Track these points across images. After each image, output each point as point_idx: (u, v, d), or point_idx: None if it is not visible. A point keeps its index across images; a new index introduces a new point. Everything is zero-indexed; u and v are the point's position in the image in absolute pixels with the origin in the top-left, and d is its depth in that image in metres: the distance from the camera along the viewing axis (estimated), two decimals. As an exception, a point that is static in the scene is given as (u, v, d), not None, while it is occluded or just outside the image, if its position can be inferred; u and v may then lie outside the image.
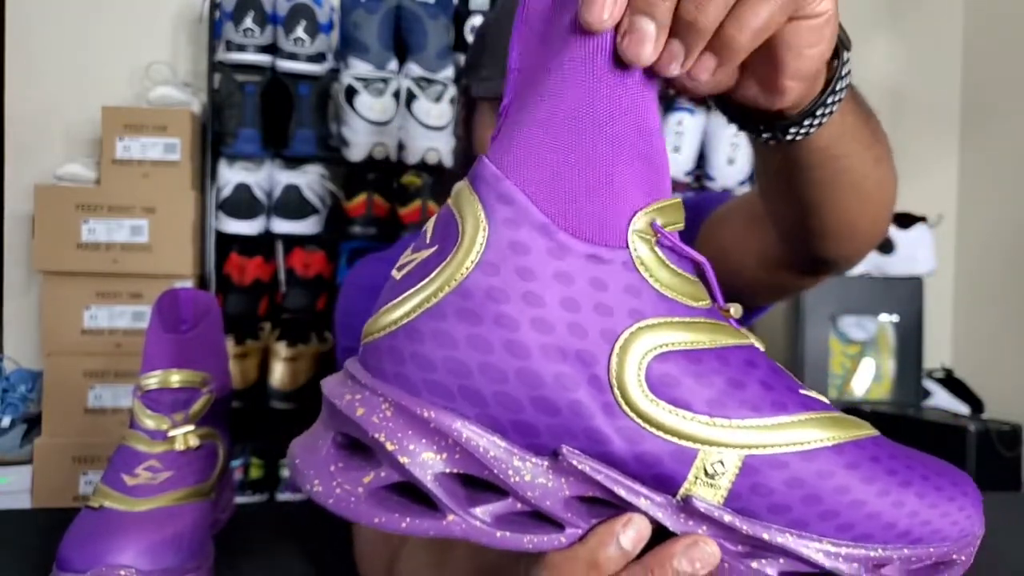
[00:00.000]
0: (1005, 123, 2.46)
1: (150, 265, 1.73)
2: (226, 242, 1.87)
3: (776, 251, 0.67)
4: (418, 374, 0.33)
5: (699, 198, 0.84)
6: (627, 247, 0.33)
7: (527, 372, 0.32)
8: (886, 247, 2.08)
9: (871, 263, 2.08)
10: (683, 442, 0.33)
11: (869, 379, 2.09)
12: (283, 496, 1.83)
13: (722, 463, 0.33)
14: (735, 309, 0.36)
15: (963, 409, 2.14)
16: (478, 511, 0.33)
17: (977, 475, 1.75)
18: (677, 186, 2.06)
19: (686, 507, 0.33)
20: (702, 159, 2.06)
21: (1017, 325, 2.33)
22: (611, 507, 0.34)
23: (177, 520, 0.54)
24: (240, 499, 1.70)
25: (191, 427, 0.58)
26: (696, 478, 0.33)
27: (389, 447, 0.32)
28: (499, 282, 0.32)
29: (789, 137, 0.45)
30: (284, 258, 1.92)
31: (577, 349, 0.32)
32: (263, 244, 1.90)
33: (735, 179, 2.05)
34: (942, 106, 2.60)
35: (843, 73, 0.43)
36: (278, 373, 1.84)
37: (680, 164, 2.01)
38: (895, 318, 2.10)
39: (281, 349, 1.84)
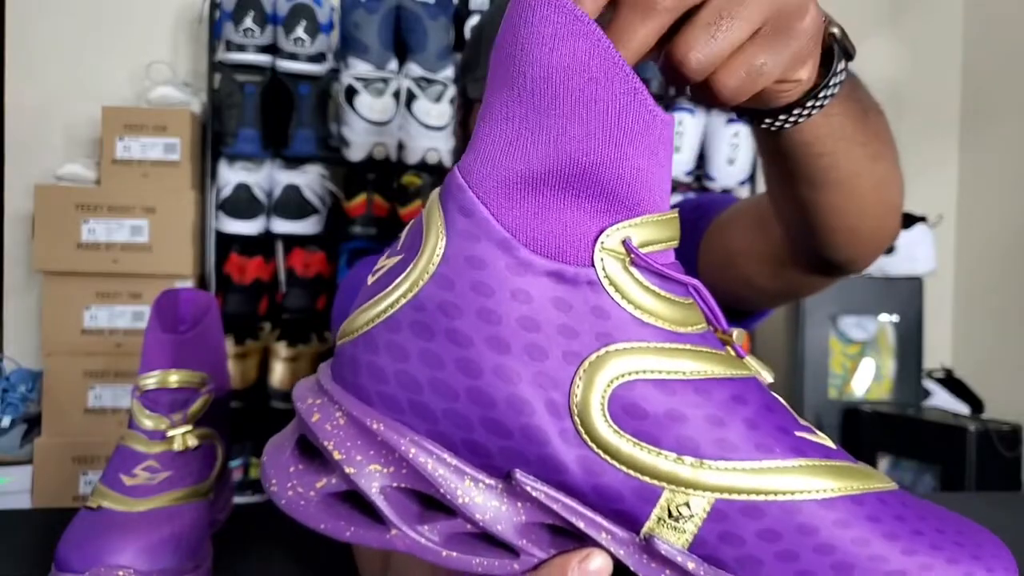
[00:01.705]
0: (1005, 123, 2.46)
1: (150, 265, 1.73)
2: (226, 242, 1.87)
3: (784, 252, 0.66)
4: (372, 385, 0.32)
5: (703, 200, 0.84)
6: (592, 265, 0.30)
7: (478, 391, 0.31)
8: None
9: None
10: (646, 479, 0.30)
11: (869, 379, 2.09)
12: (283, 496, 1.83)
13: (688, 506, 0.30)
14: (738, 334, 0.33)
15: (963, 409, 2.14)
16: (425, 528, 0.32)
17: (977, 475, 1.75)
18: (677, 186, 2.05)
19: (648, 547, 0.31)
20: (702, 159, 2.06)
21: (1017, 325, 2.33)
22: (576, 538, 0.32)
23: (175, 520, 0.54)
24: (240, 499, 1.71)
25: (189, 427, 0.58)
26: (660, 519, 0.30)
27: (336, 456, 0.32)
28: (453, 296, 0.31)
29: (764, 126, 0.45)
30: (284, 258, 1.92)
31: (535, 371, 0.30)
32: (263, 244, 1.90)
33: (735, 179, 2.05)
34: (942, 106, 2.60)
35: (831, 83, 0.43)
36: (278, 373, 1.84)
37: (680, 164, 2.01)
38: (895, 318, 2.10)
39: (281, 349, 1.84)
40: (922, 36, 2.57)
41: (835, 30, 0.43)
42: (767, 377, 0.33)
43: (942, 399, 2.16)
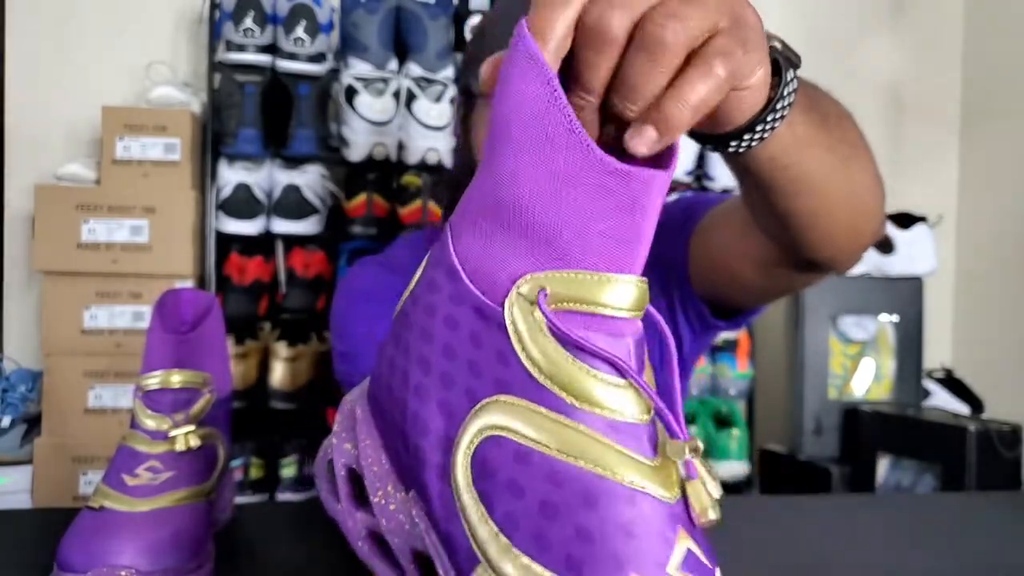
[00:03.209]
0: (1005, 123, 2.46)
1: (150, 265, 1.73)
2: (226, 242, 1.87)
3: (770, 252, 0.67)
4: (371, 379, 0.35)
5: (694, 200, 0.84)
6: (502, 308, 0.29)
7: (404, 403, 0.32)
8: (886, 247, 2.08)
9: (871, 263, 2.08)
10: (472, 543, 0.28)
11: (869, 379, 2.09)
12: (283, 496, 1.83)
13: None
14: (690, 447, 0.28)
15: (963, 409, 2.14)
16: (360, 514, 0.34)
17: (977, 475, 1.75)
18: (677, 186, 2.05)
19: None
20: (702, 159, 2.06)
21: (1017, 325, 2.33)
22: None
23: (177, 520, 0.54)
24: (240, 499, 1.71)
25: (192, 427, 0.58)
26: None
27: (334, 427, 0.36)
28: (414, 313, 0.32)
29: (730, 150, 0.45)
30: (284, 258, 1.92)
31: (441, 398, 0.30)
32: (263, 244, 1.90)
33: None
34: (942, 106, 2.60)
35: (785, 93, 0.43)
36: (278, 373, 1.84)
37: (680, 164, 2.01)
38: (895, 318, 2.10)
39: (281, 349, 1.84)
40: (922, 36, 2.57)
41: (776, 43, 0.43)
42: (709, 514, 0.28)
43: (942, 399, 2.16)
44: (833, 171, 0.54)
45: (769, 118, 0.43)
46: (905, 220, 2.11)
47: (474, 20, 1.94)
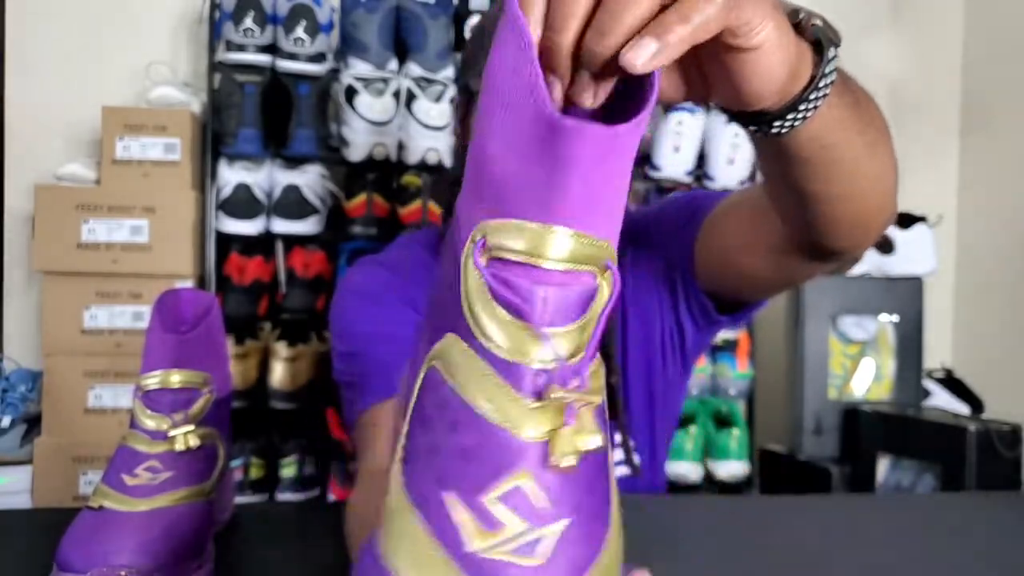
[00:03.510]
0: (1005, 123, 2.46)
1: (150, 265, 1.73)
2: (226, 242, 1.87)
3: (784, 240, 0.67)
4: None
5: (693, 197, 0.85)
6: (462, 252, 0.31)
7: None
8: (886, 247, 2.08)
9: (871, 263, 2.08)
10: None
11: (869, 379, 2.09)
12: (283, 496, 1.83)
13: None
14: (573, 394, 0.28)
15: (963, 409, 2.14)
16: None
17: (977, 475, 1.75)
18: (677, 186, 2.05)
19: None
20: (702, 159, 2.06)
21: (1017, 325, 2.33)
22: None
23: (177, 520, 0.54)
24: (240, 499, 1.71)
25: (191, 427, 0.58)
26: None
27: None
28: (442, 255, 0.34)
29: (774, 130, 0.46)
30: (284, 258, 1.92)
31: (427, 338, 0.33)
32: (263, 244, 1.90)
33: (735, 179, 2.05)
34: (942, 106, 2.60)
35: (827, 71, 0.44)
36: (278, 373, 1.84)
37: (680, 164, 2.01)
38: (895, 318, 2.10)
39: (281, 349, 1.84)
40: (922, 36, 2.57)
41: (817, 21, 0.44)
42: (566, 460, 0.28)
43: (942, 399, 2.16)
44: (864, 154, 0.55)
45: (812, 96, 0.44)
46: (905, 220, 2.10)
47: (474, 20, 1.94)
